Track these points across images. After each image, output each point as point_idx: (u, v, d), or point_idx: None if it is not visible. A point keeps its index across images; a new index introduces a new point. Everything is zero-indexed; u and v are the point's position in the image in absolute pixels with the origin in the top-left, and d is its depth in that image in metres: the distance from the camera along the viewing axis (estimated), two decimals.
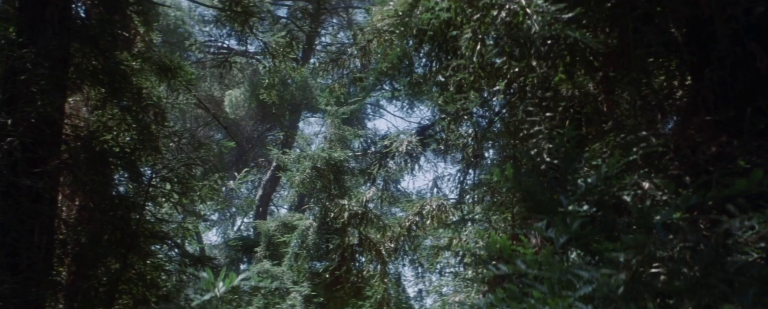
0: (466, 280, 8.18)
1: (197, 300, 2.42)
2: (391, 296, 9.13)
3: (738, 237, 2.46)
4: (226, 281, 2.34)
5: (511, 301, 2.33)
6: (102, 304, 7.61)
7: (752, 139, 3.99)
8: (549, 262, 2.29)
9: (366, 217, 9.47)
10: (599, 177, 2.99)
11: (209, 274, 2.34)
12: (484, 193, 8.20)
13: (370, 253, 9.58)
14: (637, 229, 2.80)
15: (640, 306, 1.81)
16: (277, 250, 18.23)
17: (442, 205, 9.30)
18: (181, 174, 7.73)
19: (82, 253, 7.34)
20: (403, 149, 9.07)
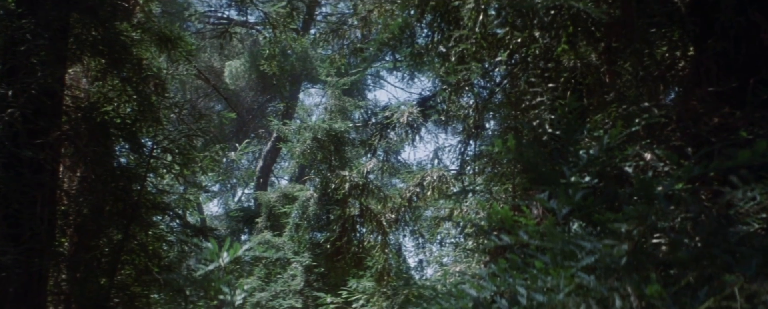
0: (467, 251, 8.22)
1: (202, 270, 2.43)
2: (392, 266, 9.18)
3: (739, 207, 2.46)
4: (230, 251, 2.34)
5: (513, 272, 2.34)
6: (104, 275, 7.65)
7: (755, 111, 3.98)
8: (551, 232, 2.29)
9: (367, 188, 9.48)
10: (601, 148, 2.99)
11: (213, 244, 2.34)
12: (485, 164, 8.21)
13: (371, 224, 9.61)
14: (639, 200, 2.81)
15: (642, 276, 1.82)
16: (277, 221, 18.30)
17: (442, 176, 9.31)
18: (182, 145, 7.72)
19: (84, 223, 7.36)
20: (404, 120, 9.06)
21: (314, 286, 15.23)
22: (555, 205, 2.61)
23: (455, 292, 2.61)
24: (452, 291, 5.97)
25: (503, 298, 2.32)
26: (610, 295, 1.78)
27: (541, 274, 2.19)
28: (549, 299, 1.84)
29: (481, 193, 7.26)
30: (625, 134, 3.15)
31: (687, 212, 2.31)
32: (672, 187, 2.56)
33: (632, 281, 1.78)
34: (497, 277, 2.38)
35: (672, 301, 1.71)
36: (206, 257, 2.39)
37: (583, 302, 1.79)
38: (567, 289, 1.85)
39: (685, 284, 1.71)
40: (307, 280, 15.43)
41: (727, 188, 2.82)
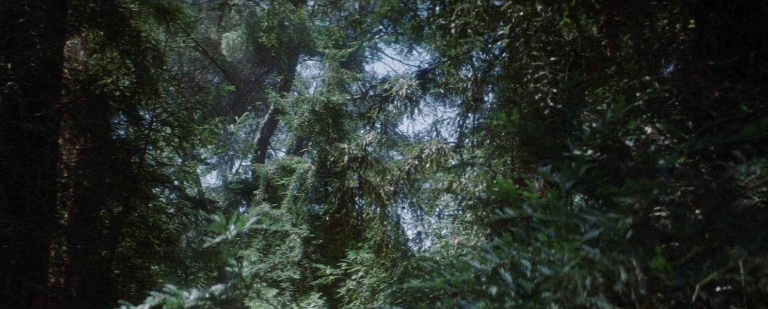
0: (465, 223, 8.27)
1: (208, 242, 2.45)
2: (391, 238, 9.23)
3: (740, 181, 2.48)
4: (237, 224, 2.37)
5: (517, 245, 2.36)
6: (105, 247, 7.69)
7: (755, 84, 3.99)
8: (555, 206, 2.31)
9: (366, 161, 9.50)
10: (604, 122, 3.00)
11: (221, 217, 2.36)
12: (483, 137, 8.23)
13: (370, 196, 9.65)
14: (641, 174, 2.83)
15: (647, 250, 1.85)
16: (275, 193, 18.35)
17: (441, 149, 9.33)
18: (181, 118, 7.73)
19: (84, 196, 7.39)
20: (403, 93, 9.06)
21: (312, 257, 15.32)
22: (558, 179, 2.63)
23: (458, 264, 2.63)
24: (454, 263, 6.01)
25: (507, 271, 2.35)
26: (616, 268, 1.80)
27: (544, 247, 2.21)
28: (554, 272, 1.87)
29: (480, 166, 7.27)
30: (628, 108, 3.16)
31: (690, 186, 2.33)
32: (674, 161, 2.58)
33: (637, 254, 1.80)
34: (501, 250, 2.40)
35: (677, 274, 1.74)
36: (213, 230, 2.41)
37: (589, 275, 1.82)
38: (572, 262, 1.88)
39: (690, 257, 1.74)
40: (306, 252, 15.52)
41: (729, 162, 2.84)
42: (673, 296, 1.79)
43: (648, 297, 1.77)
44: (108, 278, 7.57)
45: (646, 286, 1.76)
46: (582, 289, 1.79)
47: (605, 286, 1.80)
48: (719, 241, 1.78)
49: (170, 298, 2.50)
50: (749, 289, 1.63)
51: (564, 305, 1.84)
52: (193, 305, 2.48)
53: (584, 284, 1.80)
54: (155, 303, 2.53)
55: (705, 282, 1.72)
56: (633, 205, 2.35)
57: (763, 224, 1.92)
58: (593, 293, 1.79)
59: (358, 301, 9.19)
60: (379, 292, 8.71)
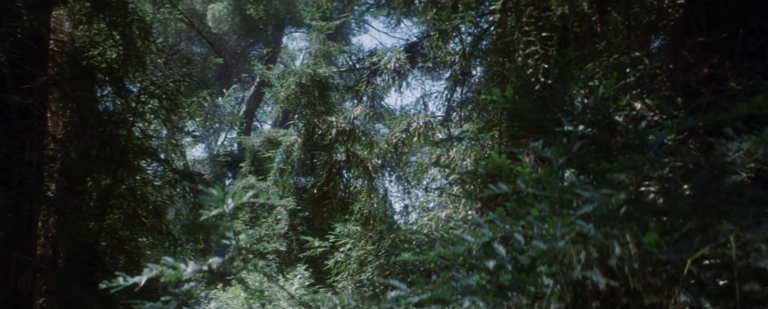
0: (452, 196, 8.32)
1: (205, 215, 2.47)
2: (378, 211, 9.28)
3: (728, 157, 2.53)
4: (235, 198, 2.39)
5: (510, 219, 2.40)
6: (93, 219, 7.70)
7: (744, 61, 4.03)
8: (548, 181, 2.35)
9: (353, 134, 9.52)
10: (596, 98, 3.03)
11: (218, 191, 2.39)
12: (470, 111, 8.26)
13: (358, 169, 9.68)
14: (632, 149, 2.87)
15: (640, 225, 1.89)
16: (261, 166, 18.35)
17: (429, 123, 9.36)
18: (169, 90, 7.70)
19: (72, 168, 7.37)
20: (391, 66, 9.06)
21: (299, 230, 15.39)
22: (550, 154, 2.66)
23: (452, 238, 2.67)
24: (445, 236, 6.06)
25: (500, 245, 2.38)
26: (610, 243, 1.84)
27: (537, 222, 2.25)
28: (550, 246, 1.91)
29: (468, 140, 7.31)
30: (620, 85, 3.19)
31: (682, 163, 2.37)
32: (665, 138, 2.62)
33: (631, 229, 1.84)
34: (494, 224, 2.44)
35: (669, 248, 1.78)
36: (212, 204, 2.43)
37: (583, 249, 1.86)
38: (567, 236, 1.92)
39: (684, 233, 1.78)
40: (292, 224, 15.58)
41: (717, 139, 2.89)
42: (665, 270, 1.84)
43: (640, 271, 1.82)
44: (96, 250, 7.59)
45: (639, 261, 1.81)
46: (577, 263, 1.83)
47: (600, 260, 1.84)
48: (711, 217, 1.82)
49: (168, 270, 2.52)
50: (740, 263, 1.68)
51: (559, 279, 1.88)
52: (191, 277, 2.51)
53: (579, 258, 1.84)
54: (152, 275, 2.56)
55: (696, 256, 1.76)
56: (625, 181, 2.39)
57: (753, 200, 1.96)
58: (588, 267, 1.83)
59: (345, 273, 9.25)
60: (366, 265, 8.78)
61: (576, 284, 1.86)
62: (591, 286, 1.86)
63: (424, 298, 2.30)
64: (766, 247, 1.64)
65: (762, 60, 4.01)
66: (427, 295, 2.29)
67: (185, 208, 8.81)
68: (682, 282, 1.77)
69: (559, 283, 1.88)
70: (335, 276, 9.58)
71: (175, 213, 8.80)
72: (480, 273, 2.24)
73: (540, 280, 2.10)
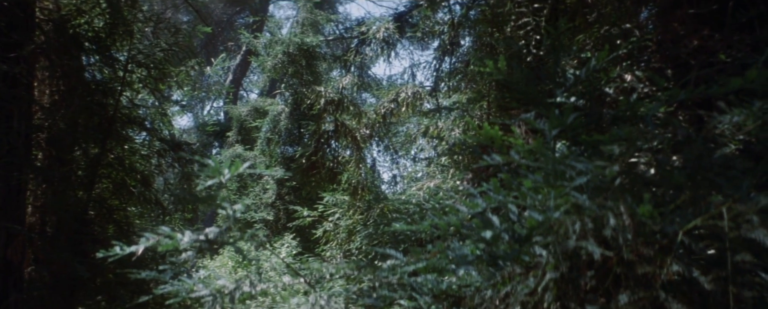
0: (441, 166, 8.36)
1: (202, 185, 2.49)
2: (367, 181, 9.32)
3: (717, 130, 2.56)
4: (231, 168, 2.41)
5: (504, 191, 2.42)
6: (82, 188, 7.68)
7: (733, 33, 4.06)
8: (542, 152, 2.38)
9: (342, 104, 9.52)
10: (588, 69, 3.06)
11: (215, 161, 2.40)
12: (459, 81, 8.27)
13: (346, 139, 9.69)
14: (625, 121, 2.90)
15: (634, 197, 1.92)
16: (248, 135, 18.34)
17: (417, 93, 9.36)
18: (157, 59, 7.65)
19: (60, 137, 7.33)
20: (380, 36, 9.03)
21: (286, 199, 15.43)
22: (543, 126, 2.68)
23: (446, 208, 2.70)
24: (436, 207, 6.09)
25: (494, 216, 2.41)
26: (604, 214, 1.88)
27: (531, 193, 2.28)
28: (545, 217, 1.94)
29: (457, 111, 7.33)
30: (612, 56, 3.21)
31: (674, 135, 2.40)
32: (657, 110, 2.65)
33: (625, 201, 1.88)
34: (488, 195, 2.46)
35: (662, 220, 1.82)
36: (208, 174, 2.45)
37: (579, 220, 1.89)
38: (563, 208, 1.95)
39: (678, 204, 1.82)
40: (279, 194, 15.62)
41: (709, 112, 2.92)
42: (657, 241, 1.88)
43: (634, 241, 1.86)
44: (85, 219, 7.59)
45: (632, 231, 1.84)
46: (572, 234, 1.87)
47: (594, 231, 1.88)
48: (704, 189, 1.86)
49: (165, 240, 2.54)
50: (732, 234, 1.72)
51: (555, 249, 1.91)
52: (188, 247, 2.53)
53: (574, 229, 1.88)
54: (149, 244, 2.57)
55: (688, 228, 1.80)
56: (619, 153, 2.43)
57: (744, 172, 2.00)
58: (583, 238, 1.87)
59: (334, 242, 9.31)
60: (355, 234, 8.83)
61: (571, 254, 1.89)
62: (585, 257, 1.90)
63: (419, 268, 2.33)
64: (758, 219, 1.68)
65: (751, 32, 4.04)
66: (423, 265, 2.32)
67: (174, 178, 8.80)
68: (675, 252, 1.81)
69: (554, 254, 1.92)
70: (324, 245, 9.64)
71: (164, 182, 8.79)
72: (474, 243, 2.27)
73: (532, 249, 2.13)
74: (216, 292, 2.60)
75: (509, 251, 2.02)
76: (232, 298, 2.54)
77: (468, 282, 2.46)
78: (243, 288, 2.59)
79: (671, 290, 1.84)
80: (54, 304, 7.11)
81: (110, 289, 7.56)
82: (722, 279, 1.76)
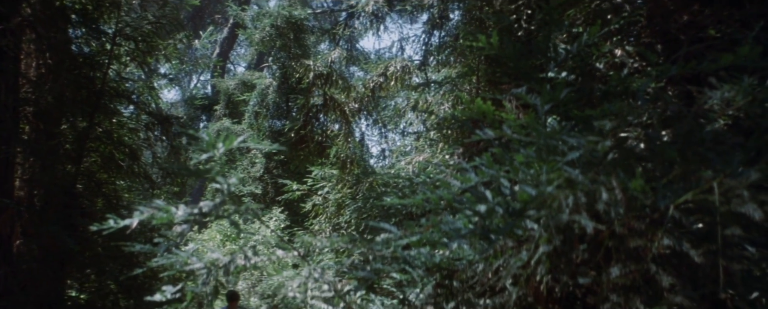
0: (430, 141, 8.38)
1: (195, 159, 2.50)
2: (356, 155, 9.33)
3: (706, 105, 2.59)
4: (226, 142, 2.41)
5: (497, 166, 2.44)
6: (70, 162, 7.66)
7: (722, 9, 4.07)
8: (534, 127, 2.39)
9: (331, 78, 9.49)
10: (580, 44, 3.07)
11: (209, 135, 2.40)
12: (448, 56, 8.26)
13: (335, 113, 9.68)
14: (616, 96, 2.92)
15: (626, 171, 1.95)
16: (236, 109, 18.27)
17: (406, 67, 9.35)
18: (145, 32, 7.59)
19: (47, 110, 7.30)
20: (368, 9, 9.00)
21: (274, 173, 15.43)
22: (536, 101, 2.69)
23: (439, 183, 2.72)
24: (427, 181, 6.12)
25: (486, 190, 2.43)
26: (597, 189, 1.90)
27: (523, 168, 2.30)
28: (539, 192, 1.96)
29: (447, 85, 7.33)
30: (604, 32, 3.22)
31: (665, 110, 2.42)
32: (648, 85, 2.67)
33: (617, 176, 1.90)
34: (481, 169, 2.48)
35: (654, 194, 1.84)
36: (202, 148, 2.45)
37: (572, 194, 1.92)
38: (556, 182, 1.97)
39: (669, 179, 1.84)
40: (267, 167, 15.62)
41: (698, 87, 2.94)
42: (648, 215, 1.91)
43: (626, 215, 1.88)
44: (73, 193, 7.58)
45: (624, 206, 1.87)
46: (565, 208, 1.89)
47: (587, 205, 1.90)
48: (695, 164, 1.89)
49: (159, 213, 2.55)
50: (722, 209, 1.74)
51: (548, 223, 1.94)
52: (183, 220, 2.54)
53: (567, 203, 1.90)
54: (144, 217, 2.58)
55: (679, 202, 1.83)
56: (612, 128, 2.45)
57: (734, 147, 2.03)
58: (575, 212, 1.89)
59: (323, 216, 9.34)
60: (344, 208, 8.86)
61: (564, 228, 1.92)
62: (578, 230, 1.93)
63: (412, 241, 2.36)
64: (748, 193, 1.70)
65: (740, 8, 4.06)
66: (416, 238, 2.34)
67: (163, 152, 8.79)
68: (665, 226, 1.84)
69: (547, 227, 1.94)
70: (313, 219, 9.67)
71: (152, 156, 8.78)
72: (467, 217, 2.30)
73: (524, 223, 2.16)
74: (210, 265, 2.62)
75: (503, 225, 2.05)
76: (227, 270, 2.56)
77: (460, 255, 2.48)
78: (237, 261, 2.61)
79: (662, 263, 1.87)
80: (43, 276, 7.12)
81: (99, 262, 7.58)
82: (712, 252, 1.79)
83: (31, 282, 6.98)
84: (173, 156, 8.42)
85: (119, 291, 7.86)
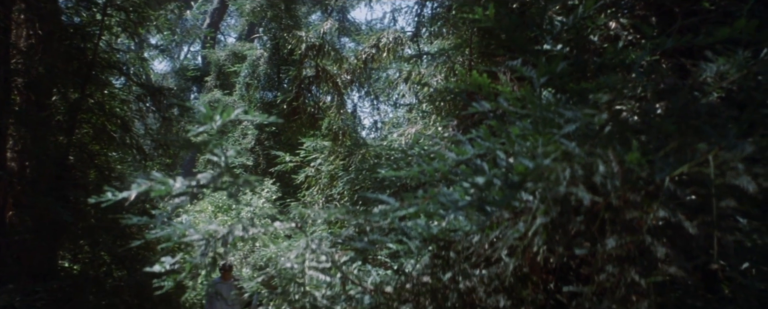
0: (422, 113, 8.38)
1: (192, 131, 2.51)
2: (348, 127, 9.32)
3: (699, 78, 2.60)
4: (223, 115, 2.42)
5: (492, 138, 2.46)
6: (62, 133, 7.64)
7: None
8: (531, 100, 2.41)
9: (323, 49, 9.45)
10: (576, 17, 3.07)
11: (206, 107, 2.41)
12: (440, 27, 8.23)
13: (327, 85, 9.65)
14: (609, 69, 2.93)
15: (622, 144, 1.97)
16: (227, 80, 18.19)
17: (398, 38, 9.31)
18: (136, 2, 7.54)
19: (39, 82, 7.26)
20: None
21: (265, 144, 15.42)
22: (532, 74, 2.70)
23: (436, 155, 2.73)
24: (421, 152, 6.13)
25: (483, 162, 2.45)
26: (594, 161, 1.92)
27: (519, 140, 2.31)
28: (536, 164, 1.98)
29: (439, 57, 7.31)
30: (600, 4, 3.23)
31: (660, 83, 2.44)
32: (644, 58, 2.68)
33: (614, 149, 1.92)
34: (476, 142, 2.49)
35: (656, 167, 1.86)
36: (200, 120, 2.46)
37: (569, 167, 1.94)
38: (553, 154, 1.99)
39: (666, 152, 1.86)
40: (259, 139, 15.60)
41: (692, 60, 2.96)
42: (644, 187, 1.93)
43: (622, 188, 1.91)
44: (66, 164, 7.57)
45: (621, 178, 1.89)
46: (563, 180, 1.91)
47: (584, 178, 1.92)
48: (690, 137, 1.91)
49: (157, 185, 2.56)
50: (717, 181, 1.77)
51: (545, 195, 1.96)
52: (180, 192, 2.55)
53: (564, 176, 1.92)
54: (142, 190, 2.59)
55: (675, 174, 1.85)
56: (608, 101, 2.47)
57: (729, 120, 2.05)
58: (573, 184, 1.91)
59: (316, 187, 9.36)
60: (337, 179, 8.87)
61: (562, 200, 1.94)
62: (575, 202, 1.95)
63: (410, 212, 2.38)
64: (743, 166, 1.73)
65: None
66: (414, 209, 2.36)
67: (155, 123, 8.77)
68: (661, 198, 1.87)
69: (544, 199, 1.97)
70: (306, 190, 9.69)
71: (144, 128, 8.77)
72: (463, 189, 2.32)
73: (520, 195, 2.18)
74: (208, 237, 2.64)
75: (500, 197, 2.07)
76: (225, 241, 2.58)
77: (456, 227, 2.51)
78: (235, 232, 2.63)
79: (657, 235, 1.90)
80: (37, 247, 7.14)
81: (93, 234, 7.60)
82: (706, 224, 1.82)
83: (24, 253, 6.99)
84: (165, 127, 8.41)
85: (112, 262, 7.89)
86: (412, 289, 2.55)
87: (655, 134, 2.02)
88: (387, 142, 8.60)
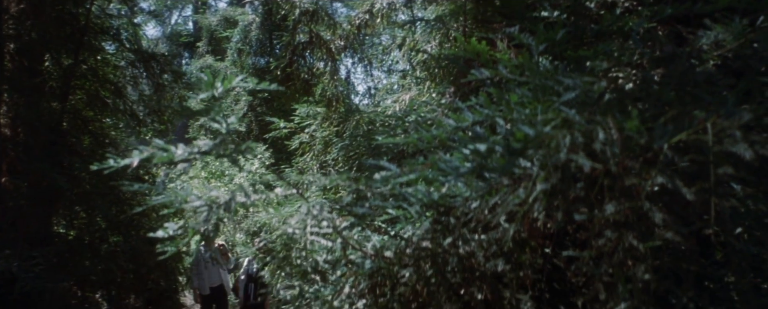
0: (416, 79, 8.38)
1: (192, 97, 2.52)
2: (342, 94, 9.31)
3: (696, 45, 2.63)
4: (224, 83, 2.44)
5: (492, 105, 2.48)
6: (55, 99, 7.62)
7: None
8: (530, 67, 2.43)
9: (317, 15, 9.39)
10: None
11: (208, 75, 2.42)
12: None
13: (321, 51, 9.61)
14: (607, 36, 2.95)
15: (622, 111, 2.00)
16: (219, 46, 18.11)
17: (392, 3, 9.25)
18: None
19: (31, 47, 7.22)
20: None
21: (258, 110, 15.41)
22: (531, 41, 2.71)
23: (435, 122, 2.76)
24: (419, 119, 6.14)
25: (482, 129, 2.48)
26: (594, 128, 1.95)
27: (518, 108, 2.34)
28: (537, 132, 2.01)
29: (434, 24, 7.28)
30: None
31: (659, 51, 2.46)
32: (642, 25, 2.70)
33: (613, 116, 1.95)
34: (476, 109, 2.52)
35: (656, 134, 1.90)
36: (201, 88, 2.48)
37: (569, 134, 1.97)
38: (553, 122, 2.02)
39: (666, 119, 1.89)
40: (251, 105, 15.58)
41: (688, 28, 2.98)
42: (643, 154, 1.97)
43: (621, 154, 1.94)
44: (60, 130, 7.56)
45: (620, 145, 1.93)
46: (563, 147, 1.94)
47: (584, 145, 1.95)
48: (689, 104, 1.94)
49: (159, 153, 2.58)
50: (715, 148, 1.80)
51: (545, 162, 1.99)
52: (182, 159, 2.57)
53: (565, 143, 1.95)
54: (144, 157, 2.61)
55: (674, 141, 1.89)
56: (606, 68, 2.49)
57: (726, 88, 2.08)
58: (573, 151, 1.94)
59: (310, 154, 9.38)
60: (331, 146, 8.89)
61: (562, 167, 1.98)
62: (575, 169, 1.99)
63: (411, 178, 2.41)
64: (740, 133, 1.76)
65: None
66: (415, 176, 2.40)
67: (149, 89, 8.75)
68: (659, 165, 1.90)
69: (545, 166, 2.00)
70: (300, 156, 9.71)
71: (138, 94, 8.75)
72: (463, 155, 2.34)
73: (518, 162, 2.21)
74: (211, 203, 2.67)
75: (502, 164, 2.10)
76: (228, 207, 2.61)
77: (456, 193, 2.55)
78: (237, 198, 2.65)
79: (654, 201, 1.94)
80: (32, 213, 7.17)
81: (89, 200, 7.62)
82: (703, 190, 1.86)
83: (20, 218, 7.02)
84: (158, 94, 8.40)
85: (108, 228, 7.93)
86: (412, 253, 2.59)
87: (653, 102, 2.05)
88: (381, 109, 8.60)
